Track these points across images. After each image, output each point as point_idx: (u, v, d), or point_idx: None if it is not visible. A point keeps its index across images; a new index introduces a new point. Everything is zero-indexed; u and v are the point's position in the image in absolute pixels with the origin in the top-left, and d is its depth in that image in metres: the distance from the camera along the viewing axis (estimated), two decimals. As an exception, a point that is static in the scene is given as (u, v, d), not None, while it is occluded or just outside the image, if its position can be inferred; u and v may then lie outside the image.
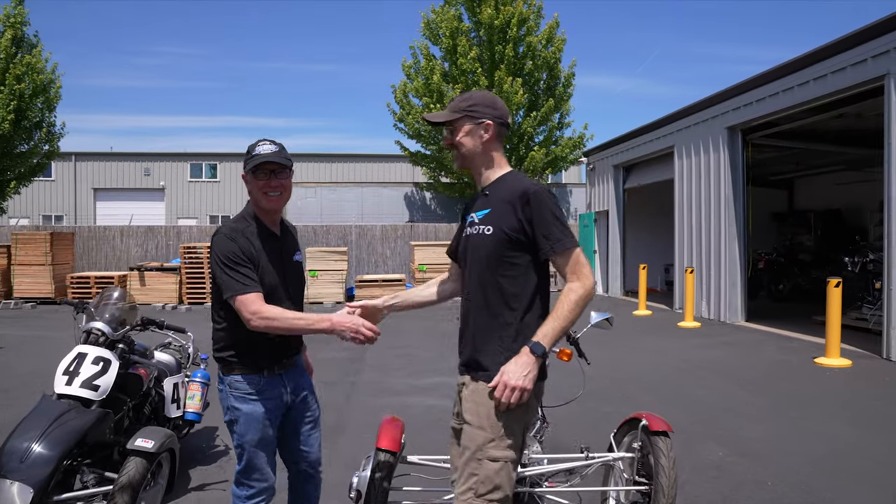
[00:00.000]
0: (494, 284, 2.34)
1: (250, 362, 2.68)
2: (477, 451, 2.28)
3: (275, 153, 2.65)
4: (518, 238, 2.29)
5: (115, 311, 3.75)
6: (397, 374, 7.73)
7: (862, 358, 8.10)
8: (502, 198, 2.35)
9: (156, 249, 17.63)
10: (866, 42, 8.14)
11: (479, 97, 2.45)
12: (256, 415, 2.68)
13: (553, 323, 2.22)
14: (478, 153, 2.44)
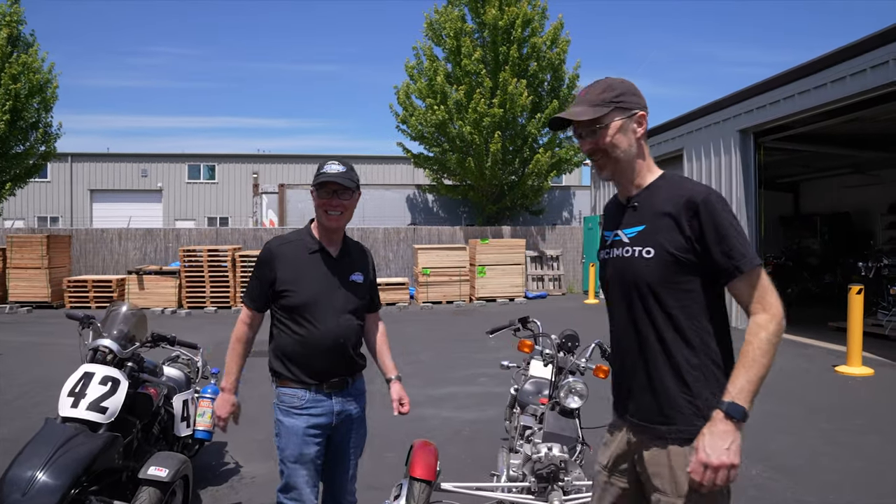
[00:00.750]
0: (666, 318, 1.90)
1: (297, 376, 2.71)
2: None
3: (340, 174, 2.68)
4: (686, 258, 1.87)
5: (123, 327, 3.53)
6: (409, 384, 7.38)
7: (883, 366, 7.91)
8: (660, 209, 1.91)
9: (154, 252, 17.36)
10: (886, 45, 7.94)
11: (622, 85, 2.00)
12: (297, 430, 2.69)
13: (747, 374, 1.75)
14: (634, 154, 1.99)
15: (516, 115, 18.36)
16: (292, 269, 2.72)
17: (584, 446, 3.25)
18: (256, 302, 2.78)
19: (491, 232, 19.06)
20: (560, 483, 2.95)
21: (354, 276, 2.83)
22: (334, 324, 2.71)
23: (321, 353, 2.70)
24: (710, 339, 1.88)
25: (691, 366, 1.87)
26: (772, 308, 1.80)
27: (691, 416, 1.85)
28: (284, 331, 2.73)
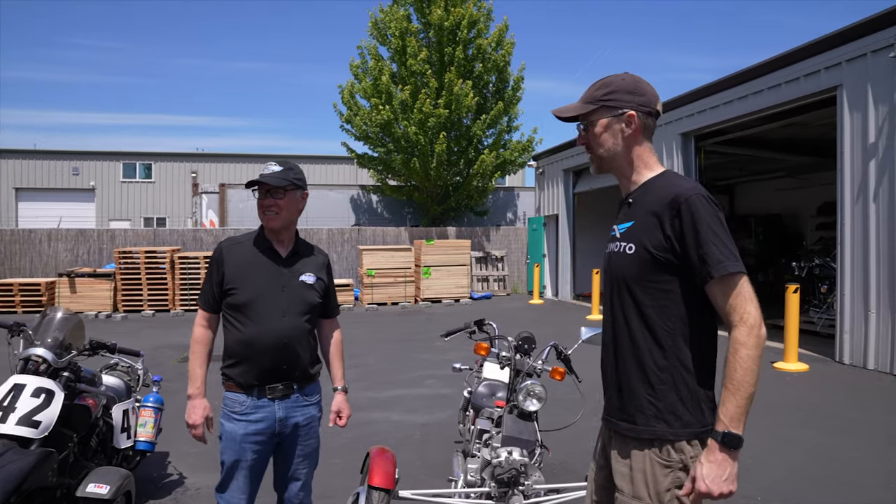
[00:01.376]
0: (639, 316, 1.88)
1: (239, 379, 2.67)
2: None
3: (271, 174, 2.68)
4: (665, 258, 1.82)
5: (58, 335, 3.31)
6: (355, 387, 7.38)
7: (817, 362, 8.23)
8: (648, 207, 1.88)
9: (87, 254, 16.61)
10: (820, 54, 8.27)
11: (619, 82, 1.97)
12: (235, 435, 2.65)
13: (734, 398, 1.70)
14: (619, 153, 1.97)
15: (461, 116, 18.40)
16: (238, 267, 2.71)
17: (543, 449, 3.23)
18: (209, 303, 2.74)
19: (436, 233, 19.04)
20: (520, 487, 2.91)
21: (304, 277, 2.77)
22: (278, 323, 2.66)
23: (264, 352, 2.64)
24: (684, 342, 1.83)
25: (658, 367, 1.84)
26: (749, 318, 1.71)
27: (651, 418, 1.83)
28: (231, 330, 2.70)
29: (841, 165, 8.11)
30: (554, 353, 3.63)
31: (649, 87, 1.98)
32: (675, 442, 1.81)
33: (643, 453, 1.84)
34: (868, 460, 4.76)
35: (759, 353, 1.71)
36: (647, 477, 1.82)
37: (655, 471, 1.82)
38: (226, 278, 2.70)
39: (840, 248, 8.18)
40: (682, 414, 1.82)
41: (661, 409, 1.83)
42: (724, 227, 1.79)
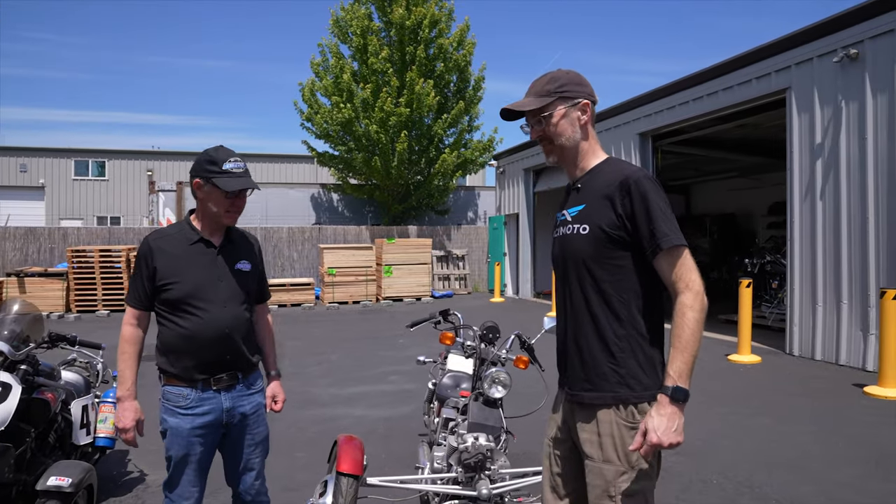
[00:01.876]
0: (597, 291, 2.00)
1: (183, 374, 2.59)
2: (608, 487, 1.96)
3: (247, 177, 2.62)
4: (618, 235, 1.95)
5: (15, 327, 3.24)
6: (320, 384, 7.36)
7: (769, 354, 8.51)
8: (598, 190, 2.01)
9: (38, 253, 16.11)
10: (770, 57, 8.56)
11: (566, 76, 2.10)
12: (182, 430, 2.58)
13: (682, 356, 1.83)
14: (578, 140, 2.09)
15: (423, 115, 18.43)
16: (172, 261, 2.61)
17: (508, 435, 3.29)
18: (140, 301, 2.62)
19: (397, 231, 19.03)
20: (487, 472, 2.96)
21: (240, 265, 2.73)
22: (220, 314, 2.60)
23: (207, 345, 2.57)
24: (638, 313, 1.97)
25: (618, 336, 1.96)
26: (694, 286, 1.86)
27: (615, 384, 1.95)
28: (169, 326, 2.60)
29: (790, 165, 8.41)
30: (517, 343, 3.70)
31: (585, 78, 2.13)
32: (638, 404, 1.93)
33: (609, 419, 1.95)
34: (815, 444, 4.97)
35: (702, 316, 1.85)
36: (615, 440, 1.93)
37: (622, 433, 1.93)
38: (158, 273, 2.59)
39: (790, 244, 8.48)
40: (641, 378, 1.95)
41: (623, 374, 1.95)
42: (668, 205, 1.94)
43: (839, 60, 7.50)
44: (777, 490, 4.06)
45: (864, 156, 7.36)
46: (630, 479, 1.92)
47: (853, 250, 7.53)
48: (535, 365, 3.60)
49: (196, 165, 2.62)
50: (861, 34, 7.32)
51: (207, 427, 2.60)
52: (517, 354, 3.62)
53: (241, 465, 2.74)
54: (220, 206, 2.61)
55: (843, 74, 7.56)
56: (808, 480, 4.23)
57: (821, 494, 4.00)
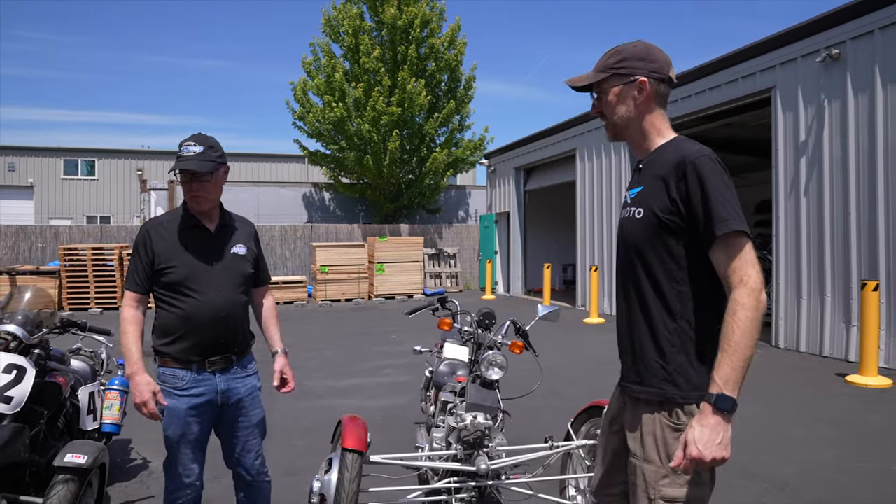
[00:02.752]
0: (648, 278, 1.90)
1: (179, 355, 2.70)
2: (648, 489, 1.85)
3: (195, 159, 2.66)
4: (671, 220, 1.82)
5: (29, 313, 3.34)
6: (315, 377, 7.48)
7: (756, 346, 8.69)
8: (656, 172, 1.89)
9: (29, 252, 16.09)
10: (756, 57, 8.76)
11: (630, 50, 1.98)
12: (178, 410, 2.67)
13: (730, 360, 1.66)
14: (633, 119, 1.98)
15: (414, 115, 18.56)
16: (170, 246, 2.71)
17: (505, 415, 3.43)
18: (139, 284, 2.72)
19: (389, 230, 19.14)
20: (485, 449, 3.10)
21: (236, 249, 2.84)
22: (215, 295, 2.70)
23: (203, 326, 2.68)
24: (691, 307, 1.83)
25: (668, 330, 1.85)
26: (750, 281, 1.69)
27: (661, 381, 1.84)
28: (166, 308, 2.70)
29: (775, 162, 8.61)
30: (513, 329, 3.84)
31: (661, 53, 1.99)
32: (685, 405, 1.81)
33: (653, 417, 1.85)
34: (792, 428, 5.17)
35: (758, 315, 1.68)
36: (657, 440, 1.83)
37: (666, 434, 1.82)
38: (157, 258, 2.69)
39: (775, 240, 8.69)
40: (691, 376, 1.82)
41: (670, 371, 1.83)
42: (731, 188, 1.78)
43: (822, 60, 7.70)
44: (762, 471, 4.24)
45: (846, 153, 7.56)
46: (672, 483, 1.79)
47: (836, 245, 7.73)
48: (529, 350, 3.75)
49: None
50: (843, 35, 7.53)
51: (202, 407, 2.71)
52: (512, 340, 3.76)
53: (240, 447, 2.85)
54: (186, 190, 2.73)
55: (826, 74, 7.76)
56: (789, 461, 4.41)
57: (802, 474, 4.17)
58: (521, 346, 3.72)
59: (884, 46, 7.10)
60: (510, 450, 3.24)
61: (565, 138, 14.23)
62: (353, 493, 2.74)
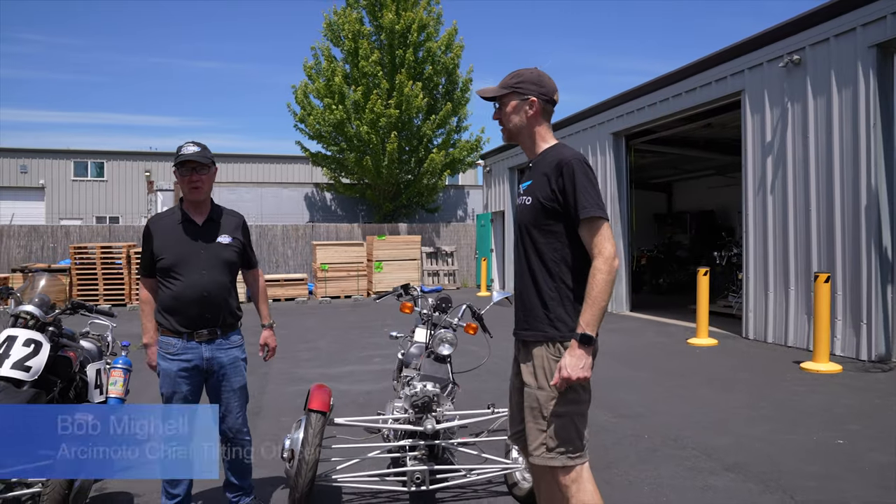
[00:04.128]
0: (535, 252, 2.45)
1: (171, 326, 3.27)
2: (541, 409, 2.40)
3: (196, 153, 3.25)
4: (552, 206, 2.39)
5: (44, 296, 3.87)
6: (307, 365, 7.98)
7: (726, 338, 9.17)
8: (541, 170, 2.45)
9: (41, 250, 16.72)
10: (726, 62, 9.22)
11: (527, 74, 2.54)
12: (170, 372, 3.25)
13: (591, 309, 2.28)
14: (523, 128, 2.53)
15: (412, 117, 19.07)
16: (163, 237, 3.30)
17: (454, 386, 3.92)
18: (147, 269, 3.35)
19: (388, 229, 19.66)
20: (433, 413, 3.59)
21: (221, 238, 3.37)
22: (199, 278, 3.24)
23: (189, 303, 3.22)
24: (567, 271, 2.41)
25: (549, 288, 2.42)
26: (604, 252, 2.29)
27: (546, 325, 2.42)
28: (162, 289, 3.28)
29: (745, 162, 9.07)
30: (469, 313, 4.33)
31: (550, 80, 2.56)
32: (563, 342, 2.39)
33: (541, 353, 2.43)
34: (743, 408, 5.62)
35: (610, 277, 2.28)
36: (545, 371, 2.41)
37: (551, 365, 2.40)
38: (155, 248, 3.28)
39: (744, 236, 9.14)
40: (567, 321, 2.40)
41: (552, 318, 2.41)
42: (594, 184, 2.37)
43: (784, 65, 8.15)
44: (696, 442, 4.69)
45: (807, 152, 8.01)
46: (559, 402, 2.37)
47: (798, 240, 8.18)
48: (484, 332, 4.23)
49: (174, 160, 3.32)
50: (803, 41, 7.98)
51: (189, 371, 3.26)
52: (468, 322, 4.26)
53: (223, 408, 3.38)
54: (184, 184, 3.29)
55: (789, 78, 8.21)
56: (726, 434, 4.87)
57: (733, 444, 4.63)
58: (475, 328, 4.21)
59: (838, 53, 7.54)
60: (456, 414, 3.73)
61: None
62: (316, 447, 3.24)
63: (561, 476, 2.46)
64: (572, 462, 2.43)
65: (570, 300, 2.41)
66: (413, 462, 3.56)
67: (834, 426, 4.99)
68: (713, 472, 4.10)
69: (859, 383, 6.36)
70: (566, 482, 2.46)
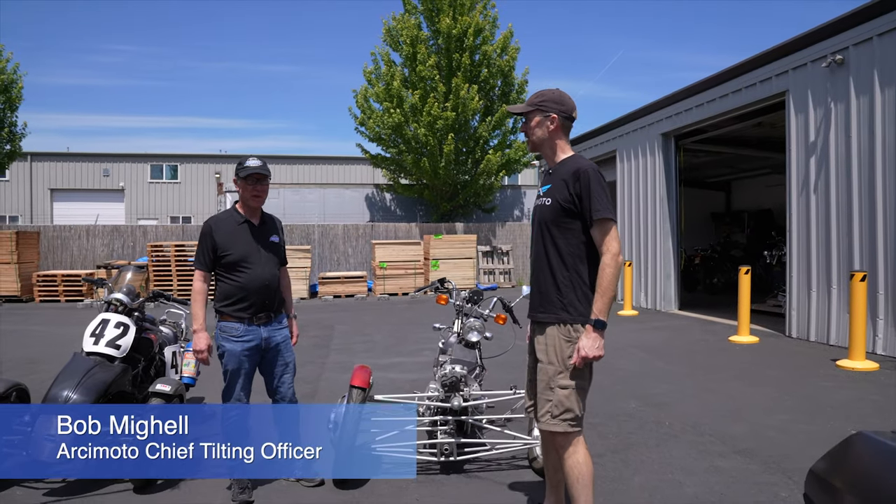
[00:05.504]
0: (553, 245, 2.88)
1: (235, 313, 3.75)
2: (549, 381, 2.84)
3: (261, 166, 3.80)
4: (570, 207, 2.84)
5: (131, 286, 4.54)
6: (361, 356, 8.55)
7: (769, 336, 9.26)
8: (561, 176, 2.90)
9: (122, 248, 18.04)
10: (771, 62, 9.30)
11: (549, 94, 2.99)
12: (235, 352, 3.74)
13: (601, 298, 2.75)
14: (545, 140, 2.98)
15: (468, 119, 19.54)
16: (227, 236, 3.76)
17: (482, 370, 4.38)
18: (205, 265, 3.78)
19: (445, 228, 20.18)
20: (460, 392, 4.06)
21: (272, 238, 3.92)
22: (261, 271, 3.77)
23: (254, 292, 3.72)
24: (581, 263, 2.86)
25: (563, 277, 2.87)
26: (612, 249, 2.76)
27: (558, 309, 2.87)
28: (226, 281, 3.75)
29: (788, 162, 9.14)
30: (500, 305, 4.77)
31: (570, 100, 3.00)
32: (573, 324, 2.83)
33: (553, 333, 2.87)
34: (767, 400, 5.85)
35: (618, 271, 2.76)
36: (556, 349, 2.85)
37: (561, 344, 2.84)
38: (219, 245, 3.72)
39: (788, 235, 9.21)
40: (577, 307, 2.84)
41: (565, 303, 2.85)
42: (606, 190, 2.82)
43: (828, 65, 8.22)
44: (713, 429, 4.99)
45: (850, 152, 8.06)
46: (564, 377, 2.82)
47: (841, 239, 8.23)
48: (514, 323, 4.67)
49: (235, 171, 3.85)
50: (847, 41, 8.03)
51: (251, 350, 3.78)
52: (498, 313, 4.70)
53: (276, 380, 3.93)
54: (247, 192, 3.80)
55: (832, 78, 8.27)
56: (743, 423, 5.15)
57: (748, 432, 4.91)
58: (504, 318, 4.66)
59: (882, 52, 7.58)
60: (481, 394, 4.18)
61: (606, 140, 14.90)
62: (356, 419, 3.75)
63: (560, 441, 2.90)
64: (571, 429, 2.87)
65: (582, 288, 2.85)
66: (443, 436, 4.04)
67: (854, 419, 5.17)
68: (722, 455, 4.41)
69: (892, 381, 6.45)
70: (565, 446, 2.89)
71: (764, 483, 3.91)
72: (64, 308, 14.77)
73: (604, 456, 4.38)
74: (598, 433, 4.88)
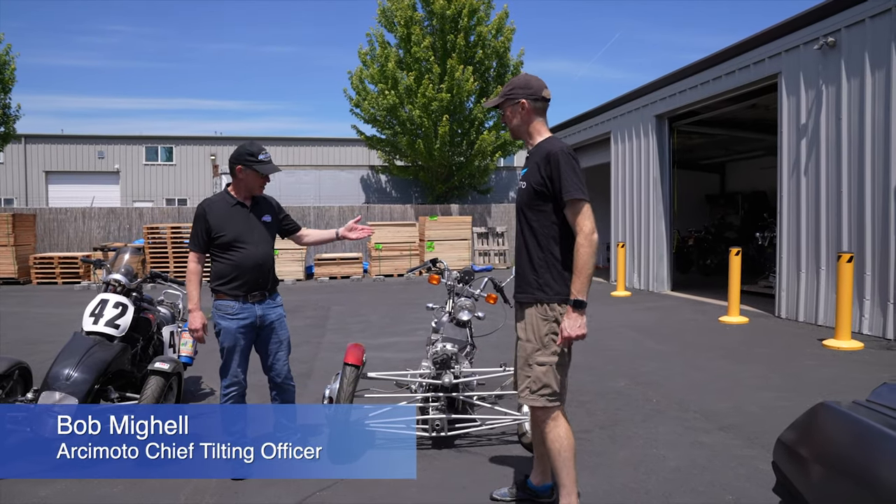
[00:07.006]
0: (529, 228, 2.97)
1: (230, 292, 3.83)
2: (528, 358, 2.95)
3: (274, 165, 3.93)
4: (542, 190, 2.90)
5: (129, 266, 4.63)
6: (356, 336, 8.67)
7: (758, 317, 9.40)
8: (535, 160, 2.98)
9: (118, 230, 18.09)
10: (764, 44, 9.34)
11: (516, 81, 3.08)
12: (231, 329, 3.82)
13: (579, 279, 2.78)
14: (521, 126, 3.06)
15: (463, 100, 19.52)
16: (220, 218, 3.84)
17: (473, 348, 4.49)
18: (199, 246, 3.86)
19: (440, 210, 20.25)
20: (451, 369, 4.17)
21: (265, 218, 3.99)
22: (255, 250, 3.85)
23: (248, 271, 3.81)
24: (554, 244, 2.92)
25: (539, 258, 2.95)
26: (584, 229, 2.79)
27: (535, 289, 2.95)
28: (221, 260, 3.83)
29: (780, 144, 9.22)
30: (491, 285, 4.87)
31: (537, 81, 3.05)
32: (549, 303, 2.92)
33: (531, 312, 2.96)
34: (753, 379, 5.98)
35: (592, 251, 2.79)
36: (533, 327, 2.95)
37: (538, 322, 2.93)
38: (213, 227, 3.80)
39: (778, 217, 9.33)
40: (553, 286, 2.92)
41: (540, 283, 2.93)
42: (577, 171, 2.85)
43: (819, 48, 8.27)
44: (699, 406, 5.13)
45: (840, 134, 8.14)
46: (542, 354, 2.91)
47: (830, 221, 8.35)
48: (504, 303, 4.77)
49: (238, 156, 3.87)
50: (839, 23, 8.07)
51: (246, 327, 3.87)
52: (488, 293, 4.81)
53: (272, 358, 4.03)
54: (257, 182, 3.92)
55: (824, 60, 8.32)
56: (727, 400, 5.28)
57: (732, 408, 5.05)
58: (495, 298, 4.76)
59: (874, 34, 7.64)
60: (471, 371, 4.30)
61: (600, 122, 14.94)
62: (349, 395, 3.87)
63: (541, 415, 3.01)
64: (550, 404, 2.97)
65: (557, 268, 2.92)
66: (434, 412, 4.15)
67: (833, 396, 5.29)
68: (706, 430, 4.55)
69: (875, 360, 6.60)
70: (545, 420, 3.00)
71: (744, 457, 4.04)
72: (61, 290, 14.85)
73: (591, 431, 4.51)
74: (586, 410, 5.02)
